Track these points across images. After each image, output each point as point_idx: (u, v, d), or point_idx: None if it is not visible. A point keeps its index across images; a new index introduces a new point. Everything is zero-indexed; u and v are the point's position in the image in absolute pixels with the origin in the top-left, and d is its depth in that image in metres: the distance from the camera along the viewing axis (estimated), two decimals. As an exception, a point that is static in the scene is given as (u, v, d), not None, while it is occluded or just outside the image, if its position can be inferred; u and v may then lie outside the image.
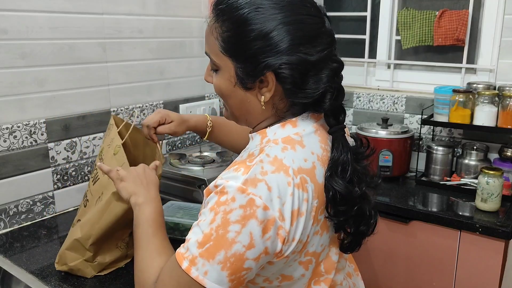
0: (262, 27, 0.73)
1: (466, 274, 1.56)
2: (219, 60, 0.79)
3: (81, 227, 1.10)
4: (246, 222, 0.69)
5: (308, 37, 0.75)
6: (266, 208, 0.70)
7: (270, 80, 0.75)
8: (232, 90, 0.79)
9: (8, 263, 1.21)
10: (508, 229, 1.44)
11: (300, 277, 0.81)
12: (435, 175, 1.84)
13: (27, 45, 1.39)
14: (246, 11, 0.74)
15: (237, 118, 0.86)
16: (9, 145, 1.38)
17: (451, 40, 1.90)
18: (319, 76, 0.76)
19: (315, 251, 0.80)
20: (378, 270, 1.75)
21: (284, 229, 0.71)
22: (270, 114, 0.81)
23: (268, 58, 0.74)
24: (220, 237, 0.69)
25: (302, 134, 0.79)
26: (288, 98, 0.78)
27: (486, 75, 1.91)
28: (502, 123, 1.66)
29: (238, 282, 0.72)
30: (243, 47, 0.75)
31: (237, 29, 0.75)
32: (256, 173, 0.71)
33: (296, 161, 0.75)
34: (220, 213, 0.70)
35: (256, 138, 0.82)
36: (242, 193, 0.70)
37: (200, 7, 1.96)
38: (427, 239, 1.62)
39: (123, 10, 1.65)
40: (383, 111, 2.09)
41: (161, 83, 1.85)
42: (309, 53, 0.74)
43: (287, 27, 0.73)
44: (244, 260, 0.70)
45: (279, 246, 0.72)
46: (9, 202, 1.40)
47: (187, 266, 0.71)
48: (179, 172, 1.62)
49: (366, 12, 2.13)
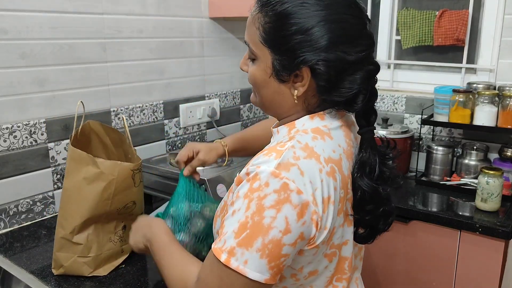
0: (304, 22, 0.74)
1: (466, 274, 1.56)
2: (257, 49, 0.80)
3: (60, 225, 1.11)
4: (281, 206, 0.69)
5: (348, 36, 0.76)
6: (300, 192, 0.70)
7: (305, 75, 0.76)
8: (267, 81, 0.80)
9: (8, 263, 1.21)
10: (508, 229, 1.44)
11: (324, 270, 0.82)
12: (435, 175, 1.84)
13: (27, 45, 1.39)
14: (291, 5, 0.75)
15: (266, 108, 0.87)
16: (9, 145, 1.38)
17: (451, 40, 1.90)
18: (354, 77, 0.77)
19: (339, 243, 0.81)
20: (378, 270, 1.75)
21: (318, 214, 0.72)
22: (300, 109, 0.82)
23: (306, 53, 0.74)
24: (256, 224, 0.69)
25: (329, 127, 0.80)
26: (320, 95, 0.79)
27: (486, 75, 1.91)
28: (502, 123, 1.66)
29: (278, 269, 0.72)
30: (283, 39, 0.76)
31: (279, 22, 0.76)
32: (288, 157, 0.72)
33: (326, 150, 0.76)
34: (255, 200, 0.70)
35: (283, 130, 0.83)
36: (275, 178, 0.70)
37: (200, 7, 1.96)
38: (427, 239, 1.62)
39: (123, 10, 1.65)
40: (383, 111, 2.09)
41: (161, 83, 1.85)
42: (347, 53, 0.75)
43: (329, 24, 0.74)
44: (281, 246, 0.70)
45: (314, 231, 0.72)
46: (9, 202, 1.40)
47: (226, 258, 0.70)
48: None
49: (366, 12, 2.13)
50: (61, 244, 1.11)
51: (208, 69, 2.04)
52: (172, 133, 1.92)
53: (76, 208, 1.10)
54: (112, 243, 1.17)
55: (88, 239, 1.12)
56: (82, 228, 1.11)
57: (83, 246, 1.11)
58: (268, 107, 0.86)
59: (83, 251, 1.11)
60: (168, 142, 1.92)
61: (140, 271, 1.16)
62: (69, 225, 1.10)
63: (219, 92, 2.11)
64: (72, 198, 1.10)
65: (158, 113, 1.84)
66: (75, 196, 1.10)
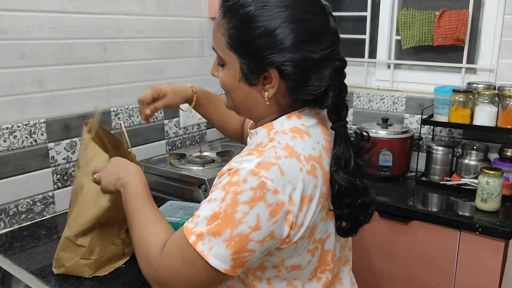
0: (267, 25, 0.75)
1: (466, 274, 1.56)
2: (225, 55, 0.81)
3: (69, 225, 1.11)
4: (255, 204, 0.71)
5: (312, 35, 0.77)
6: (276, 192, 0.72)
7: (273, 76, 0.77)
8: (237, 85, 0.82)
9: (8, 263, 1.21)
10: (508, 229, 1.44)
11: (307, 264, 0.83)
12: (435, 175, 1.84)
13: (27, 45, 1.39)
14: (253, 8, 0.76)
15: (240, 111, 0.88)
16: (9, 145, 1.38)
17: (451, 40, 1.90)
18: (321, 74, 0.78)
19: (321, 237, 0.83)
20: (378, 270, 1.75)
21: (293, 213, 0.73)
22: (273, 110, 0.83)
23: (272, 55, 0.76)
24: (228, 216, 0.72)
25: (307, 125, 0.82)
26: (291, 94, 0.80)
27: (486, 75, 1.91)
28: (502, 123, 1.66)
29: (240, 262, 0.74)
30: (248, 43, 0.77)
31: (243, 26, 0.77)
32: (269, 157, 0.74)
33: (306, 149, 0.78)
34: (231, 193, 0.72)
35: (261, 132, 0.84)
36: (254, 176, 0.72)
37: (200, 7, 1.96)
38: (427, 239, 1.62)
39: (123, 10, 1.65)
40: (383, 111, 2.09)
41: (161, 83, 1.84)
42: (312, 51, 0.76)
43: (292, 25, 0.75)
44: (248, 241, 0.72)
45: (286, 231, 0.74)
46: (9, 202, 1.40)
47: (194, 240, 0.73)
48: (179, 172, 1.62)
49: (366, 12, 2.13)
50: (65, 244, 1.11)
51: (208, 69, 2.02)
52: (172, 133, 1.92)
53: (88, 212, 1.09)
54: (115, 246, 1.17)
55: (91, 242, 1.11)
56: (87, 231, 1.10)
57: (86, 249, 1.11)
58: (242, 110, 0.87)
59: (86, 253, 1.11)
60: (168, 142, 1.92)
61: (140, 271, 1.16)
62: (77, 227, 1.10)
63: (219, 92, 2.11)
64: (90, 203, 1.09)
65: (158, 113, 1.84)
66: (93, 201, 1.09)
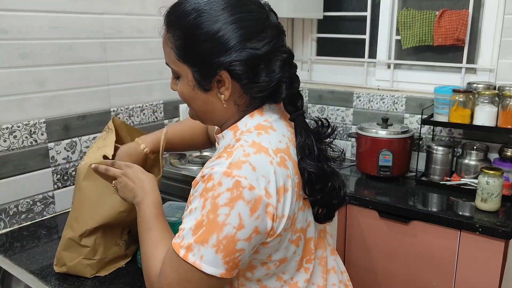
0: (209, 30, 0.78)
1: (466, 274, 1.56)
2: (177, 67, 0.84)
3: (69, 225, 1.10)
4: (234, 203, 0.73)
5: (253, 32, 0.79)
6: (252, 187, 0.73)
7: (225, 78, 0.80)
8: (193, 93, 0.84)
9: (8, 263, 1.21)
10: (508, 229, 1.44)
11: (293, 255, 0.85)
12: (435, 175, 1.84)
13: (27, 45, 1.39)
14: (192, 17, 0.79)
15: (202, 119, 0.91)
16: (9, 145, 1.38)
17: (451, 40, 1.90)
18: (270, 68, 0.80)
19: (302, 227, 0.85)
20: (378, 270, 1.75)
21: (272, 205, 0.75)
22: (233, 112, 0.85)
23: (219, 57, 0.78)
24: (211, 222, 0.73)
25: (270, 121, 0.84)
26: (246, 93, 0.83)
27: (486, 75, 1.91)
28: (502, 123, 1.66)
29: (233, 264, 0.75)
30: (194, 51, 0.80)
31: (187, 35, 0.80)
32: (239, 156, 0.76)
33: (273, 142, 0.80)
34: (209, 199, 0.74)
35: (227, 134, 0.86)
36: (227, 177, 0.73)
37: (200, 7, 1.96)
38: (427, 239, 1.62)
39: (123, 10, 1.65)
40: (383, 111, 2.09)
41: (161, 83, 1.85)
42: (256, 47, 0.79)
43: (232, 25, 0.78)
44: (236, 241, 0.73)
45: (269, 223, 0.76)
46: (9, 202, 1.40)
47: (184, 253, 0.74)
48: (179, 172, 1.62)
49: (366, 12, 2.13)
50: (68, 244, 1.10)
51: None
52: (172, 133, 1.92)
53: (91, 213, 1.09)
54: (118, 247, 1.17)
55: (96, 243, 1.11)
56: (92, 232, 1.10)
57: (90, 249, 1.10)
58: (204, 118, 0.90)
59: (89, 253, 1.11)
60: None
61: (140, 271, 1.16)
62: (80, 228, 1.09)
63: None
64: (90, 202, 1.09)
65: (158, 113, 1.84)
66: (93, 201, 1.09)
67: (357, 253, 1.79)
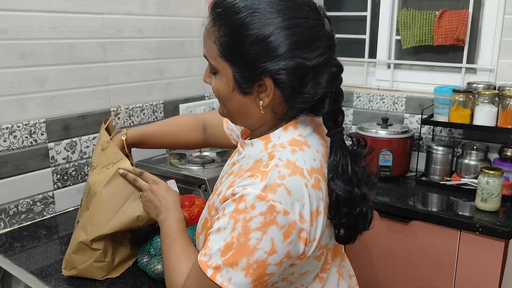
0: (259, 32, 0.72)
1: (466, 274, 1.55)
2: (217, 63, 0.78)
3: (83, 228, 1.09)
4: (267, 228, 0.70)
5: (305, 41, 0.74)
6: (287, 213, 0.70)
7: (268, 85, 0.75)
8: (231, 94, 0.79)
9: (8, 263, 1.21)
10: (508, 229, 1.44)
11: (314, 268, 0.83)
12: (435, 175, 1.84)
13: (27, 45, 1.39)
14: (243, 15, 0.73)
15: (234, 120, 0.86)
16: (9, 145, 1.38)
17: (451, 40, 1.90)
18: (317, 81, 0.76)
19: (326, 242, 0.82)
20: (378, 270, 1.75)
21: (306, 230, 0.72)
22: (268, 118, 0.81)
23: (266, 63, 0.73)
24: (242, 245, 0.70)
25: (304, 135, 0.80)
26: (286, 102, 0.78)
27: (486, 75, 1.91)
28: (502, 123, 1.66)
29: (261, 286, 0.73)
30: (240, 52, 0.74)
31: (235, 34, 0.74)
32: (274, 178, 0.72)
33: (307, 161, 0.76)
34: (240, 221, 0.70)
35: (257, 144, 0.82)
36: (261, 200, 0.70)
37: (200, 7, 1.96)
38: (427, 239, 1.62)
39: (123, 10, 1.65)
40: (383, 111, 2.08)
41: (161, 83, 1.85)
42: (307, 58, 0.74)
43: (285, 31, 0.72)
44: (266, 266, 0.71)
45: (302, 248, 0.73)
46: (9, 202, 1.40)
47: (212, 273, 0.72)
48: (179, 172, 1.62)
49: (366, 12, 2.13)
50: (79, 247, 1.08)
51: (208, 69, 2.04)
52: (172, 133, 1.92)
53: (109, 218, 1.07)
54: (124, 247, 1.17)
55: (106, 245, 1.10)
56: (105, 239, 1.09)
57: (101, 252, 1.09)
58: (236, 119, 0.85)
59: (100, 256, 1.10)
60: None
61: (141, 271, 1.16)
62: (95, 232, 1.07)
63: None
64: (108, 208, 1.08)
65: (158, 113, 1.84)
66: (113, 207, 1.08)
67: (357, 253, 1.78)
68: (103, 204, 1.08)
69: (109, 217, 1.08)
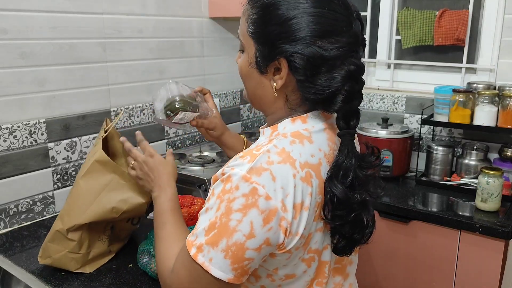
0: (285, 13, 0.75)
1: (466, 274, 1.56)
2: (245, 40, 0.82)
3: (60, 217, 1.12)
4: (247, 211, 0.70)
5: (326, 32, 0.75)
6: (269, 197, 0.70)
7: (283, 67, 0.77)
8: (249, 71, 0.82)
9: (8, 263, 1.21)
10: (508, 229, 1.44)
11: (303, 274, 0.81)
12: (435, 175, 1.84)
13: (27, 45, 1.39)
14: None
15: (252, 101, 0.88)
16: (9, 145, 1.38)
17: (451, 40, 1.90)
18: (331, 74, 0.75)
19: (317, 248, 0.80)
20: (378, 270, 1.75)
21: (287, 220, 0.72)
22: (281, 105, 0.82)
23: (284, 44, 0.75)
24: (223, 225, 0.71)
25: (311, 131, 0.79)
26: (299, 91, 0.79)
27: (486, 75, 1.91)
28: (502, 123, 1.66)
29: (242, 271, 0.73)
30: (265, 30, 0.77)
31: (263, 12, 0.77)
32: (261, 162, 0.72)
33: (303, 155, 0.75)
34: (224, 201, 0.71)
35: (267, 132, 0.83)
36: (245, 182, 0.70)
37: (200, 7, 1.96)
38: (427, 239, 1.62)
39: (123, 10, 1.65)
40: (383, 111, 2.09)
41: (161, 83, 1.84)
42: (324, 48, 0.74)
43: (308, 17, 0.74)
44: (244, 250, 0.71)
45: (282, 237, 0.72)
46: (9, 202, 1.40)
47: (194, 252, 0.73)
48: (179, 172, 1.62)
49: (366, 12, 2.13)
50: (55, 236, 1.12)
51: (208, 69, 2.04)
52: (172, 133, 1.92)
53: (84, 209, 1.11)
54: (101, 242, 1.19)
55: (82, 237, 1.13)
56: (80, 227, 1.12)
57: (76, 243, 1.12)
58: (253, 100, 0.87)
59: (75, 247, 1.12)
60: (168, 142, 1.92)
61: (141, 271, 1.16)
62: (71, 222, 1.11)
63: (219, 92, 2.11)
64: (84, 198, 1.11)
65: (158, 113, 1.84)
66: (88, 197, 1.11)
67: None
68: (80, 194, 1.11)
69: (84, 207, 1.10)
